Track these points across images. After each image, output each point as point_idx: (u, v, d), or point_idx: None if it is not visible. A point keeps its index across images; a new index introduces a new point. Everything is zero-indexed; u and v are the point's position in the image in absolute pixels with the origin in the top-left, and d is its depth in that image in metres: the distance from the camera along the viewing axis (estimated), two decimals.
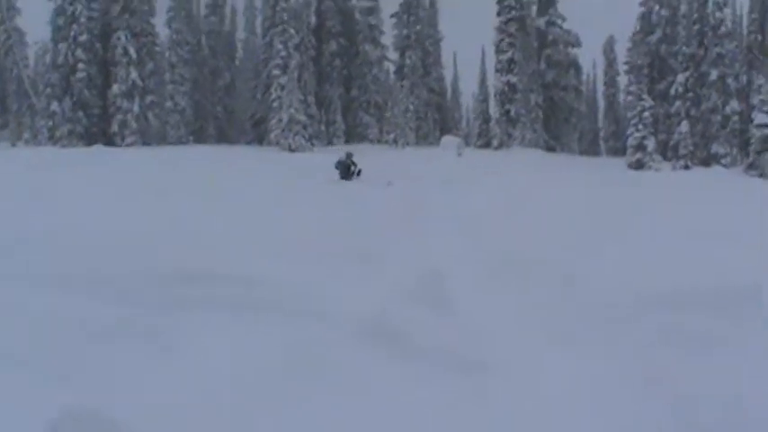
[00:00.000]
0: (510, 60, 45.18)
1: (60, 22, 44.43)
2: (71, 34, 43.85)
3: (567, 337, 6.59)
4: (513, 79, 44.91)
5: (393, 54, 52.78)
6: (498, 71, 45.76)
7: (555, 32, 47.83)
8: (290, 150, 40.72)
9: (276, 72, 44.60)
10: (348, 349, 5.82)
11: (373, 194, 19.50)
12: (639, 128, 36.20)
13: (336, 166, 25.07)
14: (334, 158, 26.12)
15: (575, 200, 18.32)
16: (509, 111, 44.86)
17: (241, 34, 57.96)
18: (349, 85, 51.87)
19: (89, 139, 43.04)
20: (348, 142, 47.19)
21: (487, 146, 45.58)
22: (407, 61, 50.16)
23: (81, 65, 43.77)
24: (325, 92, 50.41)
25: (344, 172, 24.84)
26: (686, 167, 35.88)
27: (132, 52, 44.18)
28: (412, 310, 6.64)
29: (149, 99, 45.56)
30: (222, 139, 52.54)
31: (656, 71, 45.09)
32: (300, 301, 7.42)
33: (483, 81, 49.42)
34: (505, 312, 7.39)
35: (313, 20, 51.83)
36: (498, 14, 46.23)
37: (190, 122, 49.82)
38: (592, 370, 5.63)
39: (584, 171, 30.64)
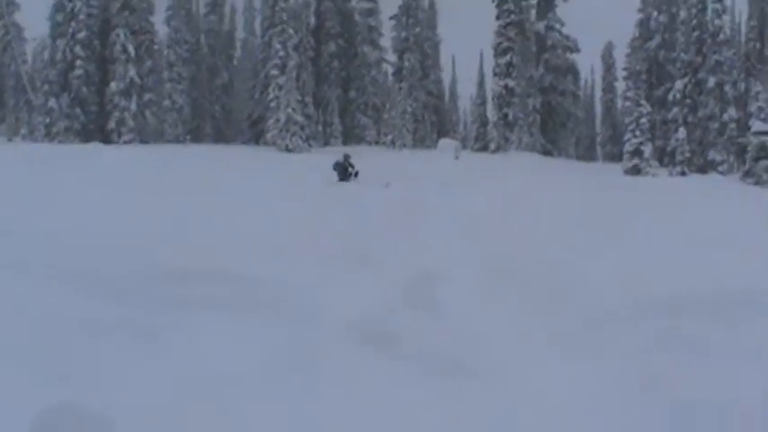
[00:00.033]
0: (508, 64, 45.20)
1: (59, 18, 44.38)
2: (70, 31, 43.79)
3: (564, 340, 6.59)
4: (512, 83, 44.94)
5: (391, 56, 52.82)
6: (496, 75, 45.76)
7: (554, 37, 47.88)
8: (287, 151, 40.67)
9: (274, 72, 44.59)
10: (342, 351, 5.82)
11: (371, 196, 19.47)
12: (637, 134, 36.17)
13: (334, 167, 25.06)
14: (332, 159, 26.10)
15: (572, 204, 18.30)
16: (507, 114, 44.87)
17: (240, 34, 57.95)
18: (347, 86, 51.86)
19: (86, 136, 42.98)
20: (345, 143, 47.18)
21: (485, 149, 45.60)
22: (406, 63, 50.13)
23: (79, 62, 43.70)
24: (323, 93, 50.41)
25: (342, 173, 24.84)
26: (683, 174, 35.88)
27: (131, 50, 44.10)
28: (407, 313, 6.65)
29: (147, 97, 45.49)
30: (219, 138, 52.50)
31: (654, 77, 45.25)
32: (296, 302, 7.42)
33: (481, 84, 49.49)
34: (501, 316, 7.40)
35: (312, 20, 51.85)
36: (497, 18, 46.24)
37: (187, 121, 49.75)
38: (588, 374, 5.64)
39: (580, 176, 30.62)
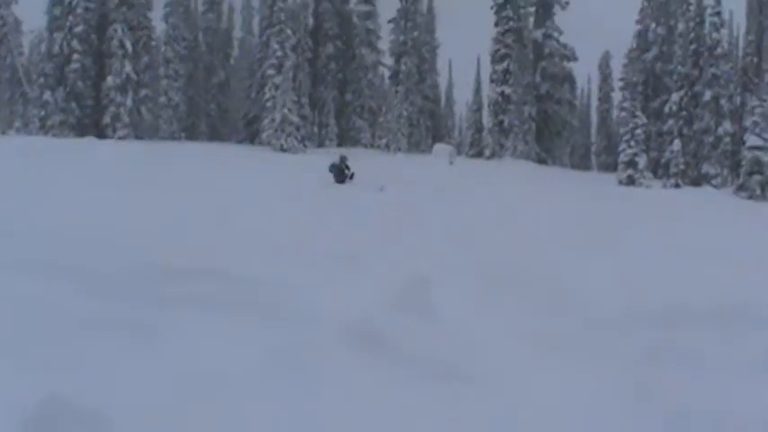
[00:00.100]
0: (505, 71, 45.30)
1: (57, 11, 44.36)
2: (67, 24, 43.74)
3: (557, 349, 6.55)
4: (508, 90, 45.04)
5: (389, 59, 52.82)
6: (493, 81, 45.87)
7: (551, 45, 48.01)
8: (282, 151, 40.63)
9: (271, 72, 44.54)
10: (334, 354, 5.76)
11: (366, 199, 19.48)
12: (631, 144, 36.30)
13: (330, 169, 25.08)
14: (326, 160, 26.11)
15: (566, 213, 18.34)
16: (502, 121, 44.95)
17: (238, 32, 57.89)
18: (343, 88, 51.85)
19: (81, 131, 42.90)
20: (340, 145, 47.14)
21: (479, 155, 45.66)
22: (403, 67, 50.16)
23: (76, 55, 43.66)
24: (320, 94, 50.40)
25: (338, 175, 24.86)
26: (676, 186, 36.00)
27: (128, 45, 44.05)
28: (400, 316, 6.58)
29: (143, 93, 45.46)
30: (214, 136, 52.42)
31: (650, 89, 45.39)
32: (295, 303, 7.37)
33: (477, 90, 49.57)
34: (496, 322, 7.35)
35: (310, 21, 51.88)
36: (496, 25, 46.35)
37: (182, 118, 49.70)
38: (582, 383, 5.59)
39: (575, 185, 30.70)
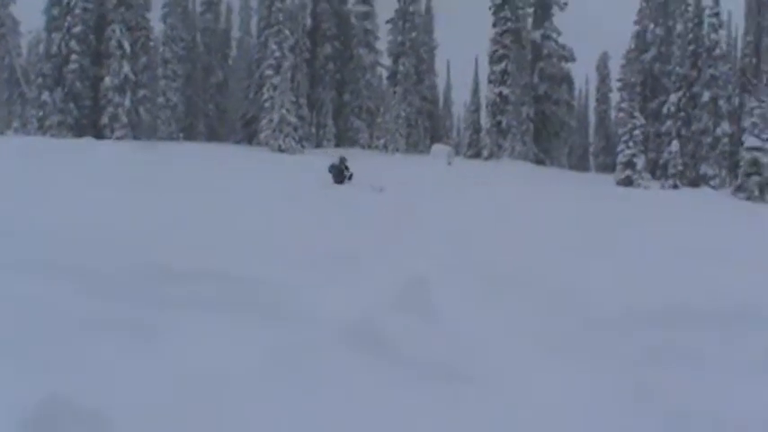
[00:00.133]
0: (503, 72, 45.28)
1: (55, 12, 44.31)
2: (65, 25, 43.69)
3: (557, 349, 6.55)
4: (506, 91, 45.01)
5: (387, 60, 52.72)
6: (491, 82, 45.85)
7: (549, 46, 47.97)
8: (280, 151, 40.61)
9: (269, 72, 44.50)
10: (334, 354, 5.76)
11: (366, 200, 19.50)
12: (630, 145, 36.30)
13: (330, 169, 25.13)
14: (324, 161, 26.14)
15: (565, 213, 18.35)
16: (500, 122, 44.93)
17: (236, 33, 57.81)
18: (342, 88, 51.79)
19: (79, 131, 42.85)
20: (338, 146, 47.10)
21: (477, 156, 45.63)
22: (401, 68, 50.11)
23: (74, 56, 43.60)
24: (318, 94, 50.37)
25: (338, 176, 24.89)
26: (675, 187, 36.01)
27: (126, 46, 44.00)
28: (400, 316, 6.58)
29: (141, 93, 45.42)
30: (212, 137, 52.39)
31: (648, 89, 45.38)
32: (295, 303, 7.37)
33: (476, 91, 49.52)
34: (495, 323, 7.35)
35: (308, 22, 51.84)
36: (494, 26, 46.31)
37: (180, 119, 49.67)
38: (582, 383, 5.59)
39: (573, 185, 30.70)
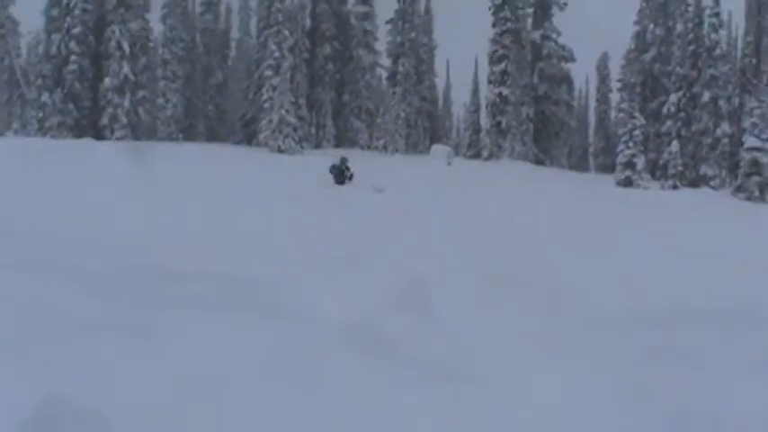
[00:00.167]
0: (503, 72, 45.22)
1: (54, 12, 44.23)
2: (65, 26, 43.65)
3: (557, 349, 6.55)
4: (506, 91, 44.96)
5: (386, 60, 52.62)
6: (491, 82, 45.78)
7: (549, 46, 47.91)
8: (280, 152, 40.57)
9: (269, 73, 44.44)
10: (334, 354, 5.76)
11: (366, 200, 19.50)
12: (630, 145, 36.25)
13: (331, 170, 25.13)
14: (324, 161, 26.15)
15: (564, 213, 18.32)
16: (500, 122, 44.88)
17: (235, 33, 57.74)
18: (341, 89, 51.72)
19: (79, 132, 42.82)
20: (338, 147, 47.04)
21: (477, 156, 45.57)
22: (400, 68, 50.01)
23: (74, 57, 43.55)
24: (317, 95, 50.32)
25: (338, 176, 24.89)
26: (674, 187, 35.96)
27: (126, 47, 43.97)
28: (400, 317, 6.58)
29: (141, 94, 45.37)
30: (212, 137, 52.35)
31: (648, 90, 45.32)
32: (295, 303, 7.37)
33: (475, 91, 49.41)
34: (495, 323, 7.35)
35: (308, 22, 51.76)
36: (493, 26, 46.23)
37: (180, 120, 49.62)
38: (583, 383, 5.59)
39: (573, 186, 30.67)
